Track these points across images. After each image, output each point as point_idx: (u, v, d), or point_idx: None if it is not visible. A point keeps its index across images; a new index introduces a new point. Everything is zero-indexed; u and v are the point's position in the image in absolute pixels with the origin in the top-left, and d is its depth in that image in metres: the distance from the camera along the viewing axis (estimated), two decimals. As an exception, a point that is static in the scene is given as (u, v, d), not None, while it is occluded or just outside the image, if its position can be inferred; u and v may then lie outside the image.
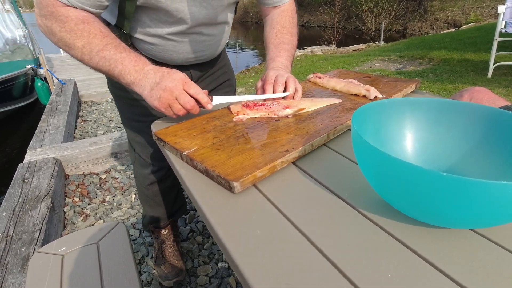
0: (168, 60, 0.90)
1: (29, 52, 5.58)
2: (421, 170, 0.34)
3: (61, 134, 2.48)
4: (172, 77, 0.66)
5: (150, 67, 0.69)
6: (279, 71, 0.81)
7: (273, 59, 0.86)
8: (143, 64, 0.69)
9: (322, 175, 0.54)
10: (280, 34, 0.90)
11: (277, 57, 0.86)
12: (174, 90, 0.65)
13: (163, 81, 0.66)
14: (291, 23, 0.93)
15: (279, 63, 0.85)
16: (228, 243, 0.40)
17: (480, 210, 0.34)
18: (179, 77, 0.67)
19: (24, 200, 1.55)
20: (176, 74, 0.67)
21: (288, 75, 0.80)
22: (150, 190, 1.15)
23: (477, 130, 0.50)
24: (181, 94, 0.66)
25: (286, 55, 0.87)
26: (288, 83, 0.78)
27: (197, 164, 0.56)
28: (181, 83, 0.66)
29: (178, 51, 0.88)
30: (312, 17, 18.16)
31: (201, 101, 0.68)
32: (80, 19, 0.69)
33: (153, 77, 0.67)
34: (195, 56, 0.92)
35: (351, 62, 5.63)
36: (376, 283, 0.34)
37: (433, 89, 3.46)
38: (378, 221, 0.43)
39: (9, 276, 1.12)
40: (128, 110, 1.01)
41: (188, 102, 0.67)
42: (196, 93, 0.67)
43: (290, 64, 0.88)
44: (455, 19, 11.87)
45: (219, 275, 1.26)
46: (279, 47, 0.88)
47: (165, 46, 0.86)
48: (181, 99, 0.66)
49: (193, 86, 0.68)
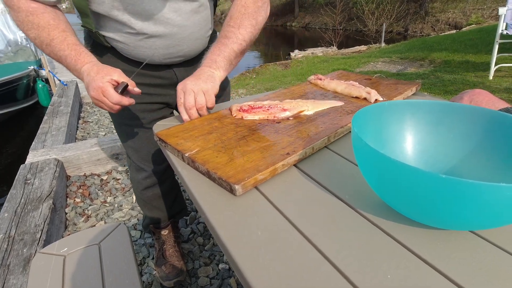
0: (146, 57, 0.88)
1: (31, 53, 5.61)
2: (420, 172, 0.34)
3: (63, 135, 2.49)
4: (93, 86, 0.73)
5: (85, 67, 0.74)
6: (185, 82, 0.76)
7: (206, 56, 0.82)
8: (80, 64, 0.75)
9: (323, 177, 0.54)
10: (226, 27, 0.83)
11: (209, 54, 0.82)
12: (96, 97, 0.73)
13: (89, 87, 0.74)
14: (242, 14, 0.83)
15: (207, 61, 0.80)
16: (229, 244, 0.40)
17: (480, 212, 0.34)
18: (97, 86, 0.72)
19: (26, 201, 1.56)
20: (95, 82, 0.72)
21: (185, 88, 0.75)
22: (145, 194, 1.15)
23: (477, 132, 0.50)
24: (103, 101, 0.73)
25: (220, 50, 0.81)
26: (185, 99, 0.74)
27: (198, 166, 0.56)
28: (99, 92, 0.72)
29: (150, 46, 0.85)
30: (313, 19, 18.19)
31: (111, 110, 0.76)
32: (30, 11, 0.73)
33: (86, 80, 0.74)
34: (172, 52, 0.89)
35: (352, 63, 5.63)
36: (376, 284, 0.34)
37: (434, 91, 3.46)
38: (378, 223, 0.43)
39: (11, 276, 1.13)
40: (117, 114, 0.99)
41: (111, 108, 0.74)
42: (114, 102, 0.73)
43: (223, 58, 0.81)
44: (456, 21, 11.88)
45: (220, 276, 1.26)
46: (218, 42, 0.83)
47: (135, 43, 0.84)
48: (105, 106, 0.74)
49: (109, 95, 0.72)
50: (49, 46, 0.75)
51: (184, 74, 0.98)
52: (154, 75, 0.95)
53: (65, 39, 0.75)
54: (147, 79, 0.94)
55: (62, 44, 0.74)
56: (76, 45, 0.76)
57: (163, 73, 0.96)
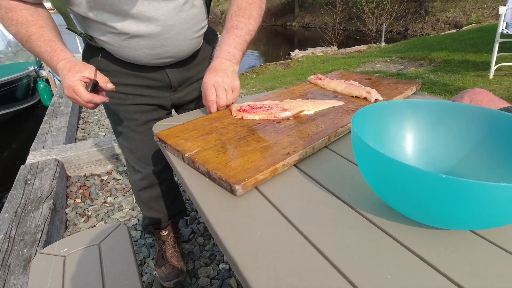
0: (132, 59, 0.87)
1: (31, 53, 5.60)
2: (420, 172, 0.34)
3: (63, 135, 2.49)
4: (65, 84, 0.73)
5: (60, 64, 0.75)
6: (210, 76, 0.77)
7: (221, 47, 0.82)
8: (56, 60, 0.75)
9: (323, 177, 0.54)
10: (236, 17, 0.83)
11: (224, 45, 0.81)
12: (69, 95, 0.74)
13: (63, 84, 0.74)
14: (249, 4, 0.84)
15: (225, 53, 0.81)
16: (229, 244, 0.40)
17: (480, 212, 0.34)
18: (68, 85, 0.73)
19: (26, 201, 1.56)
20: (66, 81, 0.73)
21: (217, 84, 0.76)
22: (142, 195, 1.14)
23: (477, 131, 0.50)
24: (75, 99, 0.74)
25: (236, 42, 0.82)
26: (219, 96, 0.76)
27: (198, 166, 0.56)
28: (71, 91, 0.73)
29: (134, 47, 0.83)
30: (313, 19, 18.18)
31: (86, 107, 0.77)
32: (9, 8, 0.74)
33: (60, 76, 0.75)
34: (159, 52, 0.87)
35: (352, 63, 5.63)
36: (376, 284, 0.34)
37: (434, 90, 3.46)
38: (378, 223, 0.43)
39: (11, 277, 1.13)
40: (112, 115, 1.00)
41: (84, 105, 0.75)
42: (82, 105, 0.75)
43: (240, 51, 0.83)
44: (456, 20, 11.87)
45: (220, 276, 1.26)
46: (230, 32, 0.82)
47: (119, 43, 0.83)
48: (77, 102, 0.75)
49: (79, 94, 0.73)
50: (28, 42, 0.76)
51: (177, 76, 0.97)
52: (146, 77, 0.94)
53: (42, 35, 0.75)
54: (140, 80, 0.93)
55: (38, 41, 0.75)
56: (52, 41, 0.76)
57: (155, 74, 0.94)
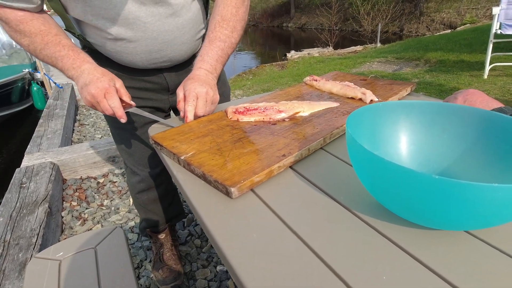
0: (129, 63, 0.87)
1: (26, 56, 5.57)
2: (414, 173, 0.34)
3: (59, 138, 2.48)
4: (97, 85, 0.72)
5: (86, 66, 0.74)
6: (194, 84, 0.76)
7: (203, 57, 0.81)
8: (80, 62, 0.75)
9: (319, 179, 0.54)
10: (219, 28, 0.82)
11: (207, 56, 0.81)
12: (96, 96, 0.72)
13: (90, 85, 0.72)
14: (233, 15, 0.83)
15: (208, 65, 0.80)
16: (225, 247, 0.40)
17: (473, 212, 0.34)
18: (102, 86, 0.72)
19: (22, 205, 1.55)
20: (101, 82, 0.72)
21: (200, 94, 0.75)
22: (140, 198, 1.15)
23: (471, 132, 0.50)
24: (101, 101, 0.72)
25: (218, 55, 0.81)
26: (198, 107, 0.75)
27: (194, 169, 0.56)
28: (103, 92, 0.72)
29: (131, 52, 0.84)
30: (309, 19, 18.23)
31: (116, 114, 0.74)
32: (18, 20, 0.73)
33: (85, 78, 0.73)
34: (156, 57, 0.87)
35: (348, 64, 5.65)
36: (372, 285, 0.34)
37: (429, 91, 3.48)
38: (373, 224, 0.43)
39: (6, 282, 1.12)
40: (110, 118, 0.99)
41: (107, 110, 0.73)
42: (112, 106, 0.73)
43: (221, 65, 0.83)
44: (450, 21, 11.96)
45: (217, 278, 1.25)
46: (213, 44, 0.81)
47: (116, 48, 0.83)
48: (101, 105, 0.73)
49: (112, 98, 0.72)
50: (44, 50, 0.75)
51: (175, 79, 0.97)
52: (144, 80, 0.94)
53: (60, 42, 0.75)
54: (137, 83, 0.94)
55: (58, 46, 0.74)
56: (73, 46, 0.77)
57: (153, 78, 0.95)
